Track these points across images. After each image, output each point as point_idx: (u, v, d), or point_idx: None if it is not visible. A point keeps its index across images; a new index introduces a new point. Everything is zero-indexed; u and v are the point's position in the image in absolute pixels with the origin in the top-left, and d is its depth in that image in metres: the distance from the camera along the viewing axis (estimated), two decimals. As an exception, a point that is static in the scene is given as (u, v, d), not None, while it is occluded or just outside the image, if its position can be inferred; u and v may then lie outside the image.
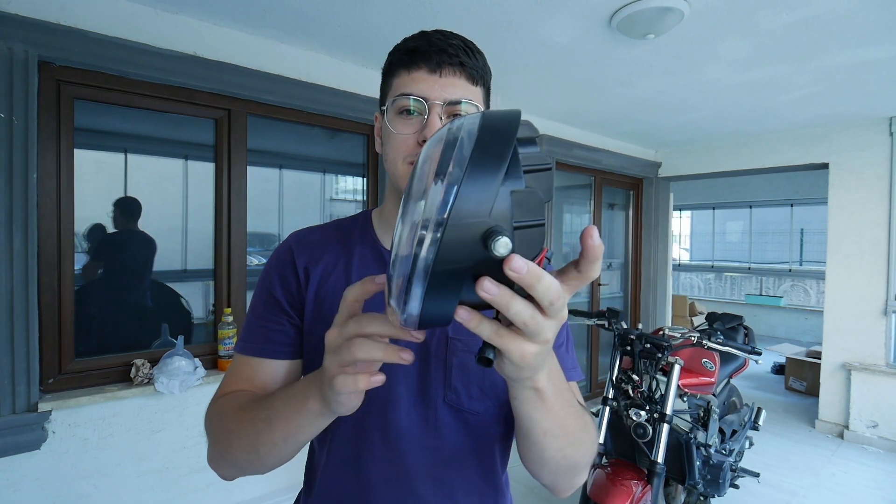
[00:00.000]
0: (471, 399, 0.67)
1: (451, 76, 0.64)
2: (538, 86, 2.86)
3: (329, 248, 0.73)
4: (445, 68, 0.64)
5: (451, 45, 0.64)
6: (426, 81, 0.63)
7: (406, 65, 0.65)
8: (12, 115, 1.64)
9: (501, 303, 0.33)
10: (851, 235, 3.54)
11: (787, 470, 3.03)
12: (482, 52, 0.71)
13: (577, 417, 0.57)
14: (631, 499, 1.67)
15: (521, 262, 0.32)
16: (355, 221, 0.76)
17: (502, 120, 0.34)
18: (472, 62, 0.67)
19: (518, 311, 0.34)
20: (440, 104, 0.63)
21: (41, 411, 1.70)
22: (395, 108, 0.65)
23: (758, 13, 1.91)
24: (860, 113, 3.31)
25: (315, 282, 0.70)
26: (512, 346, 0.37)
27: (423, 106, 0.63)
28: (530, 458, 0.59)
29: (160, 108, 2.05)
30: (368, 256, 0.72)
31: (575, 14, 1.94)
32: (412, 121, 0.64)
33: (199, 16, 2.01)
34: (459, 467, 0.67)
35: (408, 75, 0.64)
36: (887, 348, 3.38)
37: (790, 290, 8.04)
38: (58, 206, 1.81)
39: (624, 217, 4.80)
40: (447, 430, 0.66)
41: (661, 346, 1.86)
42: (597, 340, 4.36)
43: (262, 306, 0.71)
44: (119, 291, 2.05)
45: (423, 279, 0.31)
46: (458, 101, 0.64)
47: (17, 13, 1.63)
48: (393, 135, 0.65)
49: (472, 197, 0.31)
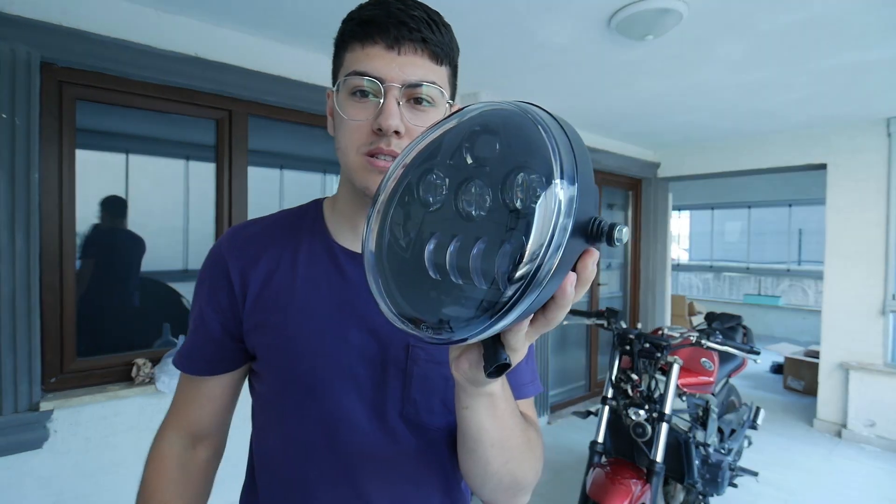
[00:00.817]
0: (431, 414, 0.61)
1: (412, 54, 0.55)
2: (537, 86, 2.87)
3: (271, 242, 0.65)
4: (405, 44, 0.55)
5: (412, 18, 0.55)
6: (382, 59, 0.54)
7: (360, 37, 0.56)
8: (14, 116, 1.64)
9: (587, 281, 0.34)
10: (849, 236, 3.55)
11: (786, 469, 3.05)
12: (449, 26, 0.61)
13: (523, 431, 0.54)
14: (630, 498, 1.68)
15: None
16: (305, 212, 0.69)
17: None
18: (435, 38, 0.57)
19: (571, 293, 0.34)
20: (398, 87, 0.54)
21: (43, 410, 1.71)
22: (346, 88, 0.56)
23: (756, 15, 1.92)
24: (858, 114, 3.33)
25: (256, 285, 0.63)
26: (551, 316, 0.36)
27: (379, 87, 0.54)
28: (474, 473, 0.55)
29: (161, 109, 2.05)
30: (318, 251, 0.64)
31: (574, 15, 1.95)
32: (366, 104, 0.56)
33: (201, 17, 2.01)
34: (418, 486, 0.62)
35: (361, 50, 0.55)
36: (885, 348, 3.40)
37: (788, 289, 8.05)
38: (59, 206, 1.82)
39: (623, 217, 4.80)
40: (405, 446, 0.61)
41: (660, 346, 1.86)
42: (596, 340, 4.37)
43: (197, 320, 0.66)
44: (107, 290, 2.05)
45: (538, 286, 0.30)
46: (419, 84, 0.55)
47: (19, 14, 1.63)
48: (345, 121, 0.57)
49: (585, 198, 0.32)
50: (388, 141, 0.55)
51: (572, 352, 4.29)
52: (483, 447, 0.51)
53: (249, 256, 0.64)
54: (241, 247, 0.65)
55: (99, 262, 2.02)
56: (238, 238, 0.66)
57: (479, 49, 2.31)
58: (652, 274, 4.75)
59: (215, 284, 0.64)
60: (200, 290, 0.66)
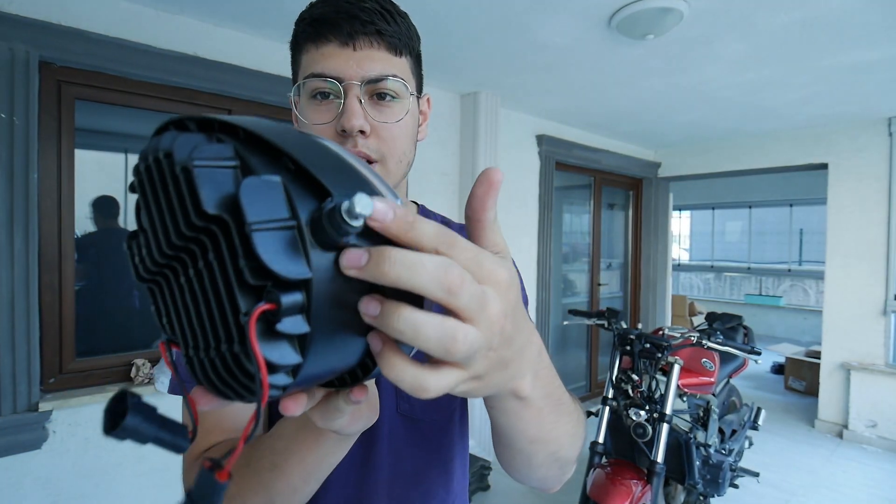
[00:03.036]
0: (425, 407, 0.60)
1: (368, 48, 0.53)
2: (538, 86, 2.87)
3: None
4: (359, 39, 0.53)
5: (363, 10, 0.53)
6: (338, 57, 0.53)
7: (313, 38, 0.54)
8: (13, 115, 1.64)
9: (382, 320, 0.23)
10: (850, 235, 3.54)
11: (787, 469, 3.04)
12: (405, 14, 0.58)
13: (569, 414, 0.45)
14: (631, 498, 1.67)
15: (381, 204, 0.22)
16: None
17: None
18: (391, 28, 0.54)
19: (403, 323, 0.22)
20: (358, 84, 0.53)
21: (42, 411, 1.70)
22: (305, 91, 0.55)
23: (756, 14, 1.91)
24: (859, 113, 3.32)
25: None
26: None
27: (338, 87, 0.53)
28: (515, 467, 0.50)
29: (161, 109, 2.05)
30: None
31: (574, 15, 1.95)
32: (327, 106, 0.54)
33: (200, 16, 2.01)
34: (418, 481, 0.61)
35: (316, 50, 0.54)
36: (886, 348, 3.39)
37: (789, 289, 8.04)
38: (58, 206, 1.82)
39: (623, 217, 4.80)
40: (402, 443, 0.60)
41: (661, 346, 1.86)
42: (596, 340, 4.36)
43: None
44: (102, 290, 2.05)
45: None
46: (380, 79, 0.53)
47: (18, 14, 1.63)
48: (306, 125, 0.55)
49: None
50: (354, 142, 0.53)
51: (572, 352, 4.28)
52: (520, 444, 0.44)
53: None
54: None
55: (95, 263, 2.02)
56: None
57: (479, 49, 2.31)
58: (652, 274, 4.74)
59: None
60: None
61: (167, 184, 0.23)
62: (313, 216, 0.22)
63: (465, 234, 0.31)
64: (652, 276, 4.75)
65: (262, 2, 1.88)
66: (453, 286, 0.22)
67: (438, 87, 2.92)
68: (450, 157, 3.05)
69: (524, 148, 3.48)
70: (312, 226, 0.22)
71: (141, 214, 0.25)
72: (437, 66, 2.57)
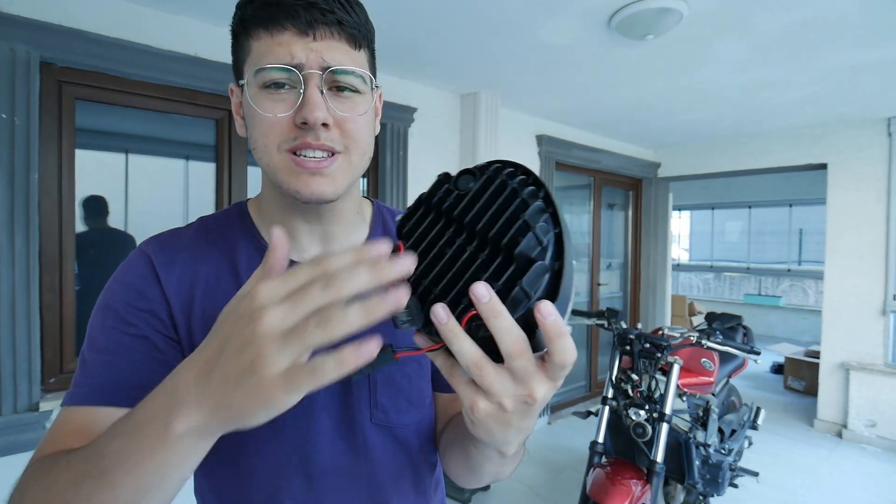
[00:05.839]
0: (399, 413, 0.60)
1: (328, 38, 0.50)
2: (538, 86, 2.87)
3: (204, 251, 0.58)
4: (319, 28, 0.49)
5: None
6: (296, 45, 0.49)
7: (265, 24, 0.49)
8: (14, 116, 1.64)
9: (448, 334, 0.32)
10: (850, 235, 3.55)
11: (786, 469, 3.04)
12: (362, 5, 0.54)
13: (519, 457, 0.52)
14: (630, 498, 1.68)
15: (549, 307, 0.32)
16: (229, 217, 0.62)
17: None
18: (352, 19, 0.51)
19: (462, 349, 0.33)
20: (318, 73, 0.49)
21: (42, 410, 1.70)
22: (257, 80, 0.50)
23: (756, 14, 1.92)
24: (858, 114, 3.32)
25: (198, 299, 0.55)
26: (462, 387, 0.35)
27: (297, 76, 0.49)
28: (465, 478, 0.59)
29: (161, 109, 2.05)
30: (258, 260, 0.58)
31: (574, 15, 1.95)
32: (283, 96, 0.50)
33: (200, 17, 2.01)
34: (395, 488, 0.60)
35: (270, 38, 0.49)
36: (885, 348, 3.39)
37: (789, 289, 8.05)
38: (59, 205, 1.82)
39: (623, 217, 4.81)
40: (378, 452, 0.59)
41: (661, 346, 1.86)
42: (596, 340, 4.37)
43: (111, 340, 0.52)
44: (96, 290, 2.02)
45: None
46: (342, 71, 0.50)
47: (18, 14, 1.63)
48: (260, 116, 0.50)
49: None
50: (317, 135, 0.50)
51: (572, 352, 4.28)
52: (482, 472, 0.53)
53: (185, 266, 0.56)
54: (172, 256, 0.56)
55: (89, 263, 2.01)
56: (166, 248, 0.57)
57: (479, 49, 2.31)
58: (652, 274, 4.75)
59: (145, 291, 0.54)
60: (119, 301, 0.53)
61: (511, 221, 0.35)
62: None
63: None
64: (652, 276, 4.75)
65: (262, 2, 1.88)
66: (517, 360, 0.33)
67: (438, 87, 2.92)
68: (450, 157, 3.05)
69: (524, 148, 3.48)
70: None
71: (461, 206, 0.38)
72: (437, 66, 2.57)
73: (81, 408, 0.49)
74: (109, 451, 0.35)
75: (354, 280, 0.30)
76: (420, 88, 2.85)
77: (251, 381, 0.30)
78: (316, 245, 0.60)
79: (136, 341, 0.52)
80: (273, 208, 0.59)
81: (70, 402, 0.50)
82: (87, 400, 0.49)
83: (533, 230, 0.33)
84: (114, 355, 0.51)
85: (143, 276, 0.55)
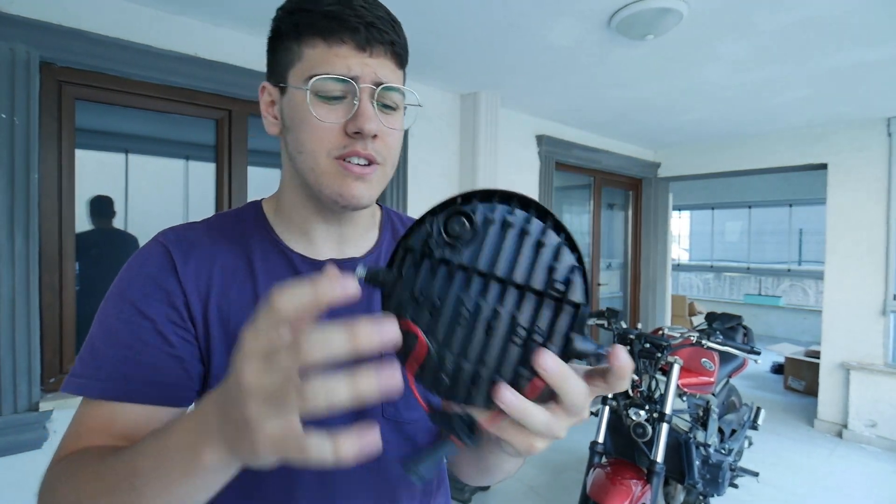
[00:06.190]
0: (409, 409, 0.60)
1: (381, 56, 0.53)
2: (538, 86, 2.87)
3: (220, 246, 0.58)
4: (376, 47, 0.52)
5: (378, 18, 0.52)
6: (354, 59, 0.51)
7: (323, 34, 0.51)
8: (14, 116, 1.64)
9: (521, 410, 0.32)
10: (850, 235, 3.55)
11: (786, 469, 3.04)
12: (402, 27, 0.58)
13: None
14: (630, 498, 1.68)
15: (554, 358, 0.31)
16: (244, 215, 0.63)
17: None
18: (400, 40, 0.55)
19: (535, 421, 0.32)
20: (372, 87, 0.52)
21: (42, 411, 1.70)
22: (313, 89, 0.52)
23: (756, 14, 1.92)
24: (858, 114, 3.32)
25: (216, 293, 0.55)
26: (518, 439, 0.34)
27: (353, 88, 0.52)
28: (476, 479, 0.62)
29: (161, 109, 2.05)
30: (273, 259, 0.59)
31: (575, 15, 1.95)
32: (337, 106, 0.52)
33: (200, 17, 2.01)
34: (404, 484, 0.61)
35: (328, 49, 0.51)
36: (885, 348, 3.39)
37: (789, 289, 8.05)
38: (59, 206, 1.82)
39: (623, 217, 4.81)
40: (388, 446, 0.58)
41: (661, 346, 1.86)
42: (596, 340, 4.36)
43: (128, 333, 0.52)
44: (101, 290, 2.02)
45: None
46: (392, 88, 0.54)
47: (18, 14, 1.63)
48: (313, 122, 0.52)
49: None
50: (365, 144, 0.53)
51: (572, 352, 4.28)
52: (498, 473, 0.57)
53: (202, 260, 0.56)
54: (188, 249, 0.56)
55: (91, 263, 2.01)
56: (183, 240, 0.57)
57: (479, 49, 2.31)
58: (652, 274, 4.75)
59: (163, 282, 0.54)
60: (135, 292, 0.53)
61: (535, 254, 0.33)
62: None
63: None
64: (652, 276, 4.75)
65: (261, 2, 1.88)
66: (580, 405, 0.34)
67: (438, 87, 2.92)
68: (450, 158, 3.05)
69: (524, 148, 3.48)
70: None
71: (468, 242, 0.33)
72: (437, 66, 2.57)
73: (100, 402, 0.51)
74: (141, 470, 0.37)
75: (325, 346, 0.27)
76: (420, 88, 2.85)
77: (247, 435, 0.30)
78: (331, 245, 0.62)
79: (153, 336, 0.52)
80: (293, 209, 0.61)
81: (87, 394, 0.51)
82: (104, 394, 0.50)
83: (581, 272, 0.32)
84: (130, 349, 0.51)
85: (161, 266, 0.55)
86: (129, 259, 0.56)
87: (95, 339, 0.53)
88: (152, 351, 0.52)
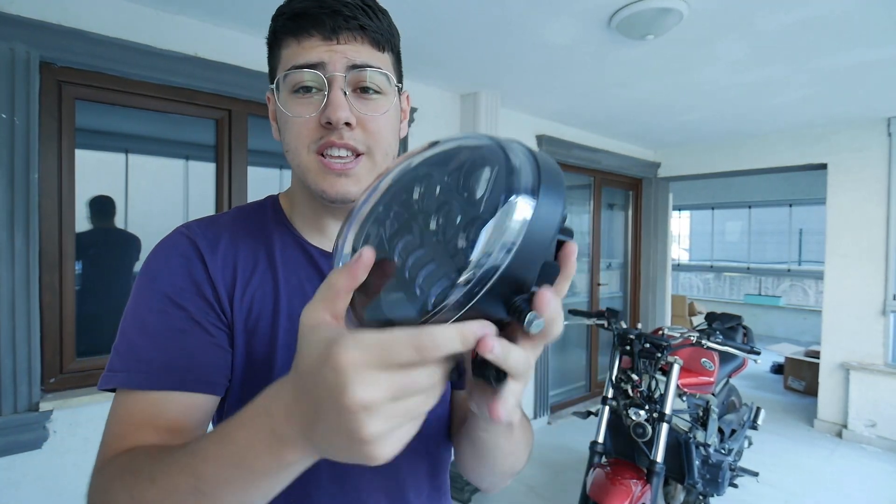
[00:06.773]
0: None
1: (351, 42, 0.53)
2: (538, 86, 2.87)
3: (242, 237, 0.59)
4: (343, 34, 0.53)
5: (345, 6, 0.53)
6: (320, 49, 0.52)
7: (293, 32, 0.53)
8: (14, 116, 1.64)
9: (502, 356, 0.30)
10: (850, 235, 3.55)
11: (786, 469, 3.04)
12: (385, 11, 0.58)
13: (527, 429, 0.56)
14: (630, 498, 1.68)
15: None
16: (262, 207, 0.64)
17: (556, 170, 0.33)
18: (374, 24, 0.55)
19: (518, 359, 0.31)
20: (341, 75, 0.52)
21: (42, 411, 1.70)
22: (287, 85, 0.54)
23: (756, 14, 1.92)
24: (858, 114, 3.32)
25: (240, 283, 0.56)
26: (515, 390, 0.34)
27: (322, 80, 0.52)
28: (480, 473, 0.59)
29: (161, 109, 2.05)
30: (292, 250, 0.61)
31: (574, 15, 1.95)
32: (310, 99, 0.53)
33: (200, 17, 2.01)
34: (413, 482, 0.61)
35: (298, 45, 0.53)
36: (885, 348, 3.39)
37: (789, 289, 8.05)
38: (59, 206, 1.82)
39: (623, 217, 4.81)
40: None
41: (661, 346, 1.86)
42: (596, 340, 4.37)
43: (162, 323, 0.52)
44: (102, 290, 2.03)
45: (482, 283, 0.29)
46: (364, 67, 0.53)
47: (18, 14, 1.63)
48: (290, 119, 0.54)
49: (544, 222, 0.31)
50: (340, 134, 0.53)
51: (572, 352, 4.29)
52: (494, 458, 0.54)
53: (226, 250, 0.57)
54: (212, 239, 0.57)
55: (92, 263, 2.01)
56: (207, 231, 0.58)
57: (479, 49, 2.31)
58: (652, 274, 4.75)
59: (192, 271, 0.54)
60: (165, 281, 0.54)
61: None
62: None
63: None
64: (652, 276, 4.75)
65: (262, 2, 1.88)
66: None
67: (438, 87, 2.92)
68: (450, 157, 3.05)
69: (524, 148, 3.48)
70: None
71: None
72: (437, 66, 2.57)
73: (139, 393, 0.50)
74: (205, 475, 0.37)
75: (441, 366, 0.30)
76: (420, 88, 2.85)
77: (351, 444, 0.30)
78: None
79: (188, 324, 0.53)
80: (304, 205, 0.62)
81: (132, 386, 0.50)
82: (149, 384, 0.50)
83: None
84: (166, 338, 0.51)
85: (189, 257, 0.55)
86: (151, 252, 0.56)
87: (129, 332, 0.53)
88: (189, 339, 0.52)
